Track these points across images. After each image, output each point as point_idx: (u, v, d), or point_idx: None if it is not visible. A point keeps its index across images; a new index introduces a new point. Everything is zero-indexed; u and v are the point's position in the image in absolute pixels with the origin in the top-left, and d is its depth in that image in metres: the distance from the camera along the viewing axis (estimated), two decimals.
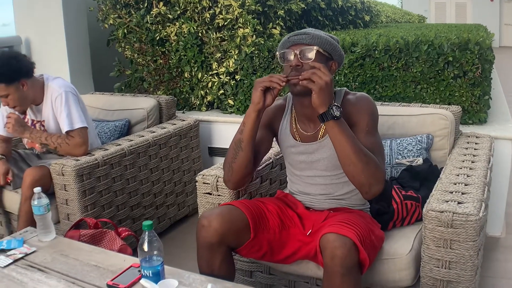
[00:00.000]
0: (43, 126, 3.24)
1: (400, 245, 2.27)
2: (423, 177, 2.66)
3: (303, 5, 4.62)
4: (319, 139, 2.34)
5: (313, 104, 2.09)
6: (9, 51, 3.10)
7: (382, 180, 2.16)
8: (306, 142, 2.38)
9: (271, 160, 2.87)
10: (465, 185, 2.24)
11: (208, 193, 2.63)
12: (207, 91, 4.42)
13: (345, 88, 2.42)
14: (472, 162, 2.55)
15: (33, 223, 2.66)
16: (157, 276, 1.87)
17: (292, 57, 2.21)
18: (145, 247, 1.87)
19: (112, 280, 2.00)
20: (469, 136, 3.02)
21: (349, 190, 2.37)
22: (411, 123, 2.92)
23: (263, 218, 2.30)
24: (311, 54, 2.19)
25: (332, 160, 2.30)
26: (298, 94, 2.24)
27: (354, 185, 2.19)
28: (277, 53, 2.29)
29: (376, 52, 3.58)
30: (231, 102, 4.28)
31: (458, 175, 2.35)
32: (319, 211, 2.40)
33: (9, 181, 3.18)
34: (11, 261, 2.24)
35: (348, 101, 2.31)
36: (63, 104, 3.12)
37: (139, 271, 1.95)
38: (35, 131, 3.16)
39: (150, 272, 1.87)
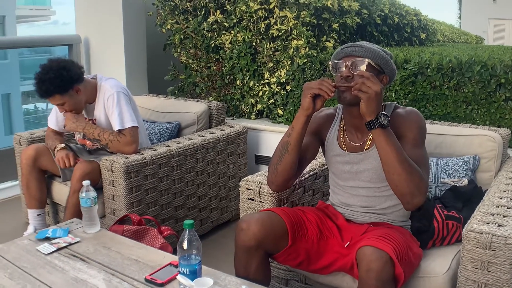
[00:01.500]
0: (95, 124, 3.34)
1: (438, 264, 2.25)
2: (467, 198, 2.62)
3: (358, 20, 4.62)
4: (366, 149, 2.36)
5: (361, 112, 2.12)
6: (57, 60, 3.18)
7: (425, 191, 2.16)
8: (352, 152, 2.39)
9: (315, 171, 2.89)
10: (508, 208, 2.20)
11: (251, 199, 2.67)
12: (258, 99, 4.47)
13: (395, 102, 2.43)
14: None
15: (79, 215, 2.75)
16: (194, 275, 1.91)
17: (343, 67, 2.25)
18: (185, 245, 1.91)
19: (150, 275, 2.05)
20: None
21: (391, 205, 2.37)
22: (458, 143, 2.89)
23: (302, 227, 2.32)
24: (363, 66, 2.23)
25: (376, 171, 2.31)
26: (346, 103, 2.28)
27: (396, 195, 2.19)
28: (330, 62, 2.34)
29: (429, 70, 3.56)
30: (280, 112, 4.32)
31: (501, 198, 2.32)
32: (359, 224, 2.41)
33: (78, 162, 3.28)
34: (55, 249, 2.33)
35: (398, 114, 2.33)
36: (115, 104, 3.21)
37: (176, 268, 2.00)
38: (89, 125, 3.26)
39: (188, 270, 1.91)
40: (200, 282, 1.81)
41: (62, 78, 3.11)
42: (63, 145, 3.35)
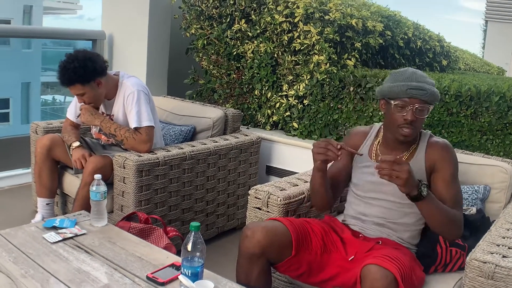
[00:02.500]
0: (112, 120, 3.38)
1: None
2: (474, 227, 2.62)
3: (381, 41, 4.64)
4: None
5: (401, 191, 2.18)
6: (83, 51, 3.24)
7: (462, 227, 2.33)
8: None
9: None
10: None
11: (258, 208, 2.68)
12: (274, 111, 4.49)
13: (430, 131, 2.53)
14: None
15: (87, 208, 2.78)
16: (195, 277, 1.93)
17: (408, 110, 2.30)
18: (189, 247, 1.93)
19: (152, 273, 2.07)
20: None
21: (406, 222, 2.43)
22: (470, 172, 2.89)
23: (307, 238, 2.34)
24: (426, 112, 2.34)
25: None
26: (403, 140, 2.41)
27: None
28: (392, 101, 2.35)
29: (447, 97, 3.57)
30: (295, 125, 4.34)
31: (508, 230, 2.31)
32: (366, 238, 2.43)
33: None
34: (61, 238, 2.36)
35: (434, 146, 2.44)
36: (134, 102, 3.25)
37: (178, 269, 2.02)
38: (106, 120, 3.31)
39: (190, 271, 1.93)
40: (201, 285, 1.82)
41: (86, 68, 3.15)
42: (78, 143, 3.37)
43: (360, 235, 2.47)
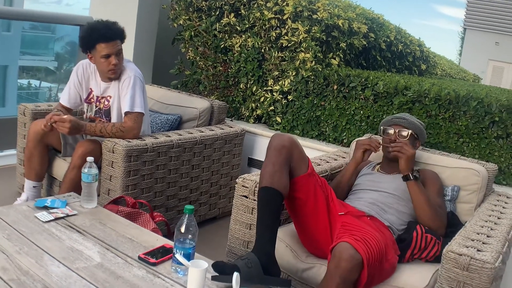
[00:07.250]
0: (108, 101, 3.43)
1: (417, 279, 2.40)
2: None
3: (364, 42, 4.75)
4: (392, 174, 2.96)
5: (400, 168, 2.76)
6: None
7: (445, 224, 2.71)
8: (380, 173, 3.02)
9: (327, 173, 3.17)
10: (487, 236, 2.33)
11: (245, 196, 2.77)
12: (258, 105, 4.58)
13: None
14: (498, 218, 2.63)
15: (74, 191, 2.83)
16: (187, 258, 2.00)
17: (391, 132, 2.95)
18: (182, 229, 2.01)
19: (144, 253, 2.14)
20: (500, 195, 3.08)
21: (397, 209, 2.78)
22: (444, 175, 3.02)
23: (316, 175, 2.63)
24: (406, 134, 2.93)
25: (394, 183, 2.86)
26: (390, 158, 2.92)
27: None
28: (381, 127, 3.04)
29: (427, 99, 3.69)
30: (278, 119, 4.43)
31: (482, 227, 2.45)
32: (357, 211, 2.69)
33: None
34: (53, 218, 2.41)
35: (423, 170, 2.97)
36: (130, 87, 3.30)
37: (169, 251, 2.10)
38: (88, 126, 3.27)
39: (182, 252, 2.00)
40: (196, 263, 1.90)
41: (122, 29, 3.39)
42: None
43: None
